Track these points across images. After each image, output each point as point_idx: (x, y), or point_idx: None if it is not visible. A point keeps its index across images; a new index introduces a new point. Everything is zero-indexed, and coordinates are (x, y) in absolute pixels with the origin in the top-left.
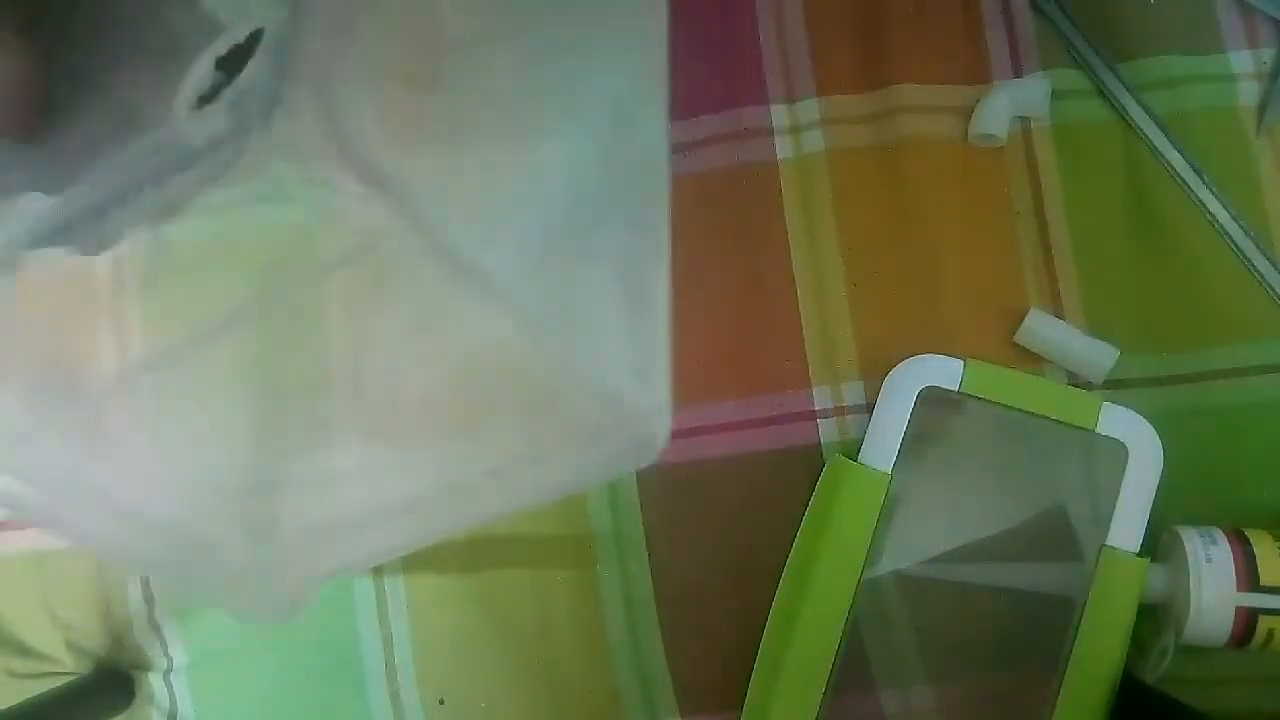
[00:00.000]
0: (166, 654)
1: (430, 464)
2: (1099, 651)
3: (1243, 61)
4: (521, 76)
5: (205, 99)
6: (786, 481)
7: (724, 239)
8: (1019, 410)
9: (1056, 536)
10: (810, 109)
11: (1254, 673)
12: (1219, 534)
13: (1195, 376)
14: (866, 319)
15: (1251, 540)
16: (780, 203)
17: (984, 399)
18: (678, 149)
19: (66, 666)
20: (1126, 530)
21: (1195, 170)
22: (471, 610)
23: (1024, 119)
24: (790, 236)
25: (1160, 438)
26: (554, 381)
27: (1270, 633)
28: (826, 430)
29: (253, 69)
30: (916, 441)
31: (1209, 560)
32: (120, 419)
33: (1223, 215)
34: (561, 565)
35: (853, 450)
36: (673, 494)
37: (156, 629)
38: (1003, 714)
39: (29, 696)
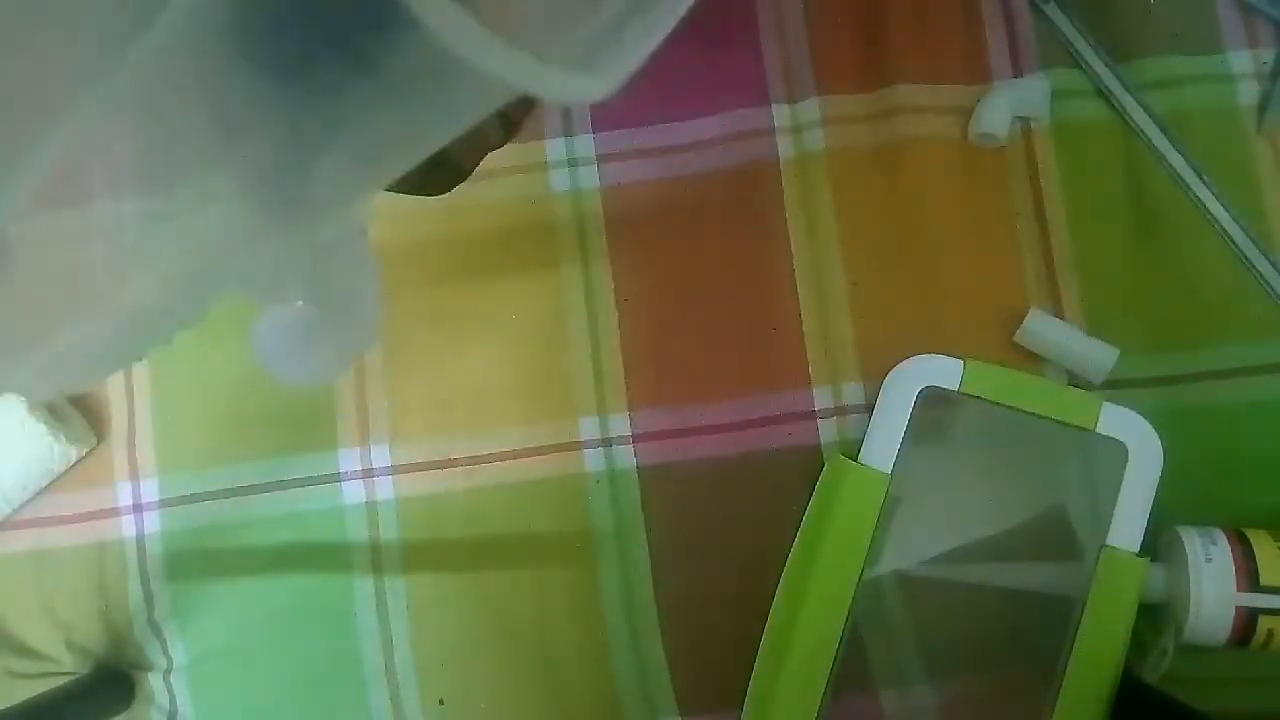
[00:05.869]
0: (166, 654)
1: None
2: (1099, 651)
3: (1243, 61)
4: None
5: None
6: (786, 481)
7: (725, 238)
8: (1019, 410)
9: (1056, 536)
10: (811, 109)
11: (1254, 673)
12: (1219, 534)
13: (1195, 376)
14: (866, 319)
15: (1251, 540)
16: (781, 202)
17: (984, 399)
18: (680, 149)
19: (66, 666)
20: (1126, 530)
21: (1195, 170)
22: (471, 610)
23: (1024, 119)
24: (791, 236)
25: (1160, 438)
26: None
27: (1270, 633)
28: (826, 430)
29: None
30: (916, 441)
31: (1209, 560)
32: None
33: (1223, 215)
34: (561, 565)
35: (853, 450)
36: (673, 494)
37: (156, 629)
38: (1003, 714)
39: (29, 696)
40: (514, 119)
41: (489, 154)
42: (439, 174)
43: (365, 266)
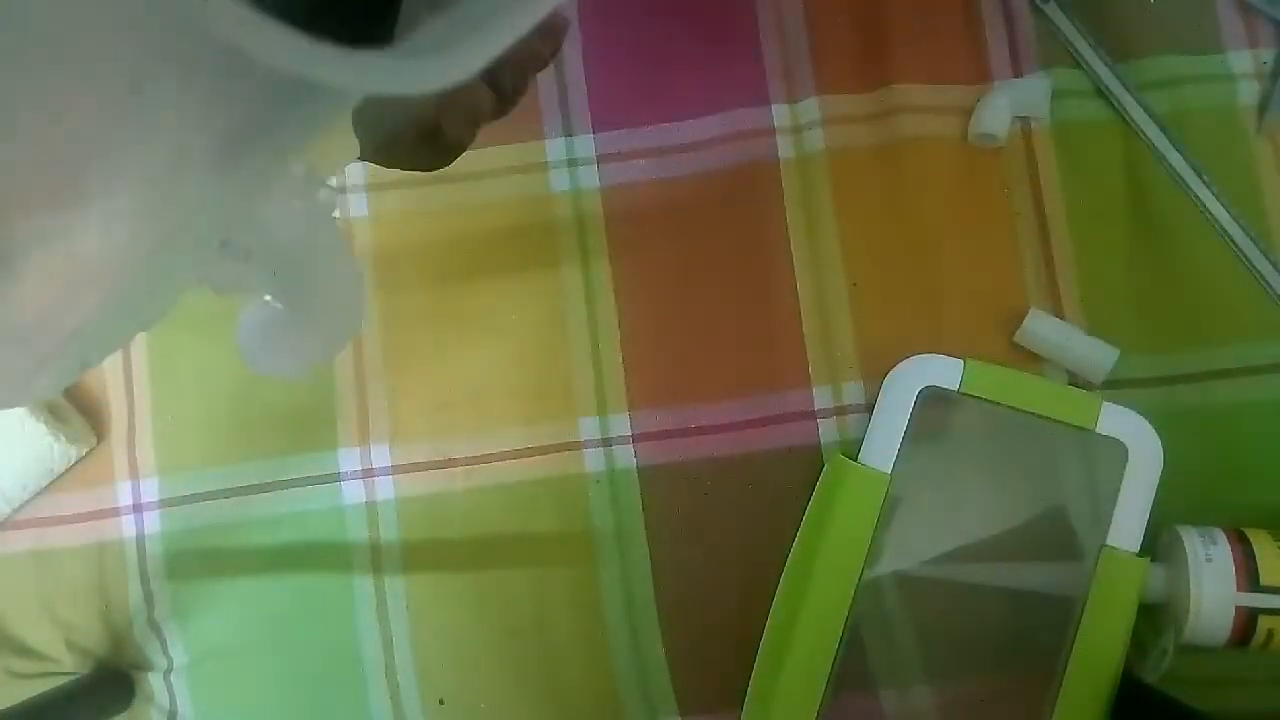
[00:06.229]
0: (166, 654)
1: None
2: (1099, 651)
3: (1243, 61)
4: None
5: None
6: (786, 481)
7: (725, 238)
8: (1019, 410)
9: (1056, 536)
10: (811, 109)
11: (1254, 673)
12: (1219, 534)
13: (1195, 376)
14: (866, 319)
15: (1251, 540)
16: (781, 202)
17: (984, 399)
18: (680, 149)
19: (66, 666)
20: (1126, 530)
21: (1195, 170)
22: (471, 610)
23: (1024, 119)
24: (791, 236)
25: (1160, 438)
26: None
27: (1270, 633)
28: (826, 430)
29: None
30: (916, 441)
31: (1209, 560)
32: None
33: (1223, 215)
34: (561, 565)
35: (853, 450)
36: (673, 494)
37: (156, 629)
38: (1003, 714)
39: (29, 696)
40: (507, 91)
41: (491, 150)
42: (433, 148)
43: (336, 256)
